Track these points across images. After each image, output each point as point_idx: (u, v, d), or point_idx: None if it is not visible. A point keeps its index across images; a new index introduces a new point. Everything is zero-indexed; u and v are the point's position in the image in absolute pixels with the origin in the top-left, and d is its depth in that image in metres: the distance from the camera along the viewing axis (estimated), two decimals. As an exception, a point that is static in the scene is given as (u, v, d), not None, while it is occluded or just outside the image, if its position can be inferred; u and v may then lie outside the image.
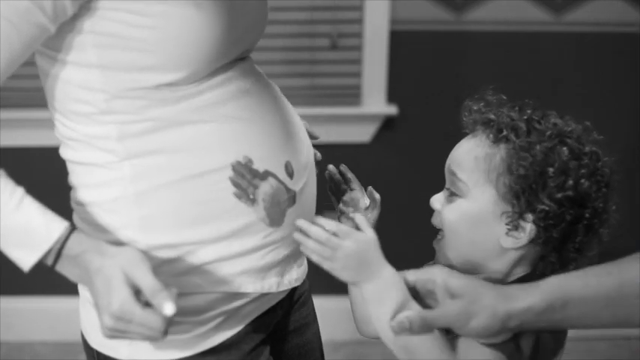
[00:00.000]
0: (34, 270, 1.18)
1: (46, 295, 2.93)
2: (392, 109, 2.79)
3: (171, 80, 1.21)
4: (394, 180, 2.87)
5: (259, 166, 1.27)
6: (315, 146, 1.47)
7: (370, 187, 1.38)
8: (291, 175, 1.31)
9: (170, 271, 1.26)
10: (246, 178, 1.26)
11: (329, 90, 2.79)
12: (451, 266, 1.30)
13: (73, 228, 1.18)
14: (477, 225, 1.23)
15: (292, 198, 1.31)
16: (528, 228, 1.20)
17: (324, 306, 3.04)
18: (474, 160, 1.23)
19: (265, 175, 1.28)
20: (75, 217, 1.32)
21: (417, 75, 2.80)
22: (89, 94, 1.23)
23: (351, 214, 1.16)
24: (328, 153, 2.90)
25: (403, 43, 2.76)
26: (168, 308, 1.11)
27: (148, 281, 1.13)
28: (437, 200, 1.29)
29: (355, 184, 1.43)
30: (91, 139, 1.26)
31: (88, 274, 1.16)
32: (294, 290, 1.45)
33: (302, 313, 1.51)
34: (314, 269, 2.92)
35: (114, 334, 1.15)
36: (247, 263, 1.29)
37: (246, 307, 1.33)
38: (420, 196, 2.91)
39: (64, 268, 1.18)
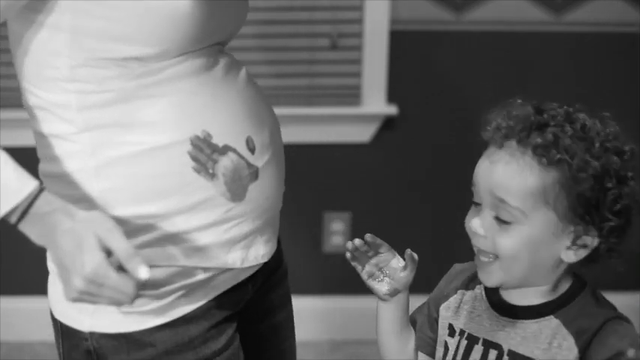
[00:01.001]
0: (34, 270, 1.17)
1: (46, 295, 2.93)
2: (392, 109, 2.78)
3: (140, 54, 1.22)
4: (394, 180, 2.87)
5: (219, 140, 1.27)
6: (313, 146, 1.47)
7: (409, 250, 1.34)
8: (252, 150, 1.31)
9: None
10: (204, 152, 1.26)
11: (329, 90, 2.78)
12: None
13: (43, 187, 1.17)
14: (539, 248, 1.21)
15: (254, 173, 1.31)
16: (594, 242, 1.20)
17: (324, 306, 3.04)
18: (525, 186, 1.19)
19: (225, 149, 1.28)
20: None
21: (417, 75, 2.80)
22: (56, 59, 1.24)
23: None
24: (328, 153, 2.91)
25: (403, 43, 2.75)
26: (143, 272, 1.12)
27: (122, 245, 1.13)
28: (479, 226, 1.23)
29: (384, 247, 1.36)
30: (53, 107, 1.27)
31: (53, 234, 1.15)
32: (270, 270, 1.44)
33: (277, 293, 1.51)
34: (314, 268, 2.91)
35: (82, 297, 1.14)
36: (209, 238, 1.29)
37: (209, 282, 1.33)
38: (419, 196, 2.92)
39: (26, 227, 1.16)
